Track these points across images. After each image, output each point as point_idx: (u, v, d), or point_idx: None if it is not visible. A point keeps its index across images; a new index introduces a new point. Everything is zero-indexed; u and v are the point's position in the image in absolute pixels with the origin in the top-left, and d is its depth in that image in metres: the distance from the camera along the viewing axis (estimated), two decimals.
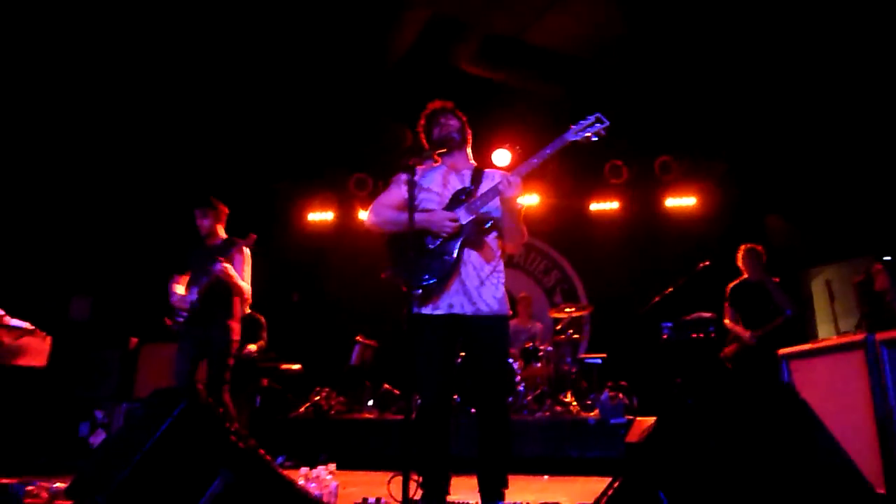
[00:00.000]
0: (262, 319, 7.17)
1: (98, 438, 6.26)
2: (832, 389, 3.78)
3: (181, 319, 4.58)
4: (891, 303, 5.40)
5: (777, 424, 1.81)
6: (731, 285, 5.96)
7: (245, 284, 4.68)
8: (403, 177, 3.04)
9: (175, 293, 4.70)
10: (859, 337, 3.73)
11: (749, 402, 1.83)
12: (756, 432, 1.77)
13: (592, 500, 2.11)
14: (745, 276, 5.91)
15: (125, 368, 6.69)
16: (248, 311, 5.31)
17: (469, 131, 3.31)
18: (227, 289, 4.57)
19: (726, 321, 5.93)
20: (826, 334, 6.87)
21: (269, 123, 8.07)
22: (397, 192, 3.19)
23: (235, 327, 4.70)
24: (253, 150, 8.57)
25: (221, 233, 4.95)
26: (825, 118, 7.23)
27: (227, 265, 4.49)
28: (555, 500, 2.41)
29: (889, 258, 5.71)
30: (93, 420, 6.37)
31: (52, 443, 6.20)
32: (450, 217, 2.97)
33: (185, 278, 4.81)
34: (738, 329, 5.74)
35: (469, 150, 3.32)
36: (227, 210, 5.09)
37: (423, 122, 3.25)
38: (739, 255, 5.97)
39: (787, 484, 1.68)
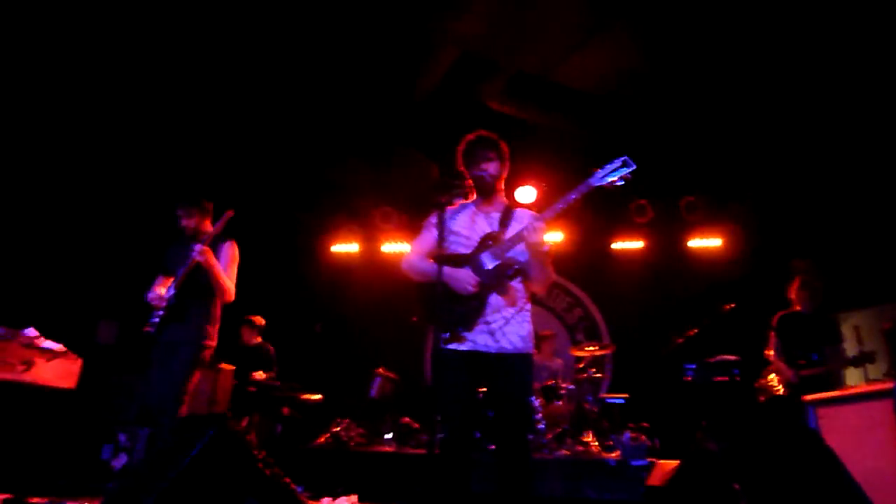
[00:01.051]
0: (272, 349, 7.25)
1: (120, 462, 6.30)
2: (860, 437, 3.72)
3: (156, 320, 4.10)
4: None
5: (802, 471, 1.81)
6: (780, 314, 5.69)
7: (228, 282, 4.19)
8: (433, 220, 3.10)
9: (154, 291, 4.25)
10: (888, 385, 3.70)
11: (775, 447, 1.83)
12: (781, 478, 1.76)
13: None
14: (797, 308, 5.64)
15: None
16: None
17: (506, 171, 3.28)
18: (206, 281, 4.09)
19: (770, 352, 5.64)
20: (854, 382, 6.76)
21: (296, 153, 8.22)
22: (429, 237, 3.24)
23: (211, 332, 4.18)
24: (278, 180, 8.72)
25: (206, 227, 4.48)
26: (853, 162, 7.21)
27: (209, 250, 4.03)
28: None
29: None
30: (116, 443, 6.42)
31: (73, 465, 6.25)
32: (472, 282, 3.01)
33: (171, 281, 4.35)
34: (782, 366, 5.45)
35: (501, 191, 3.32)
36: (211, 206, 4.55)
37: (463, 148, 3.22)
38: (794, 286, 5.70)
39: None
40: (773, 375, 5.58)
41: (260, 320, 7.39)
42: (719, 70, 6.44)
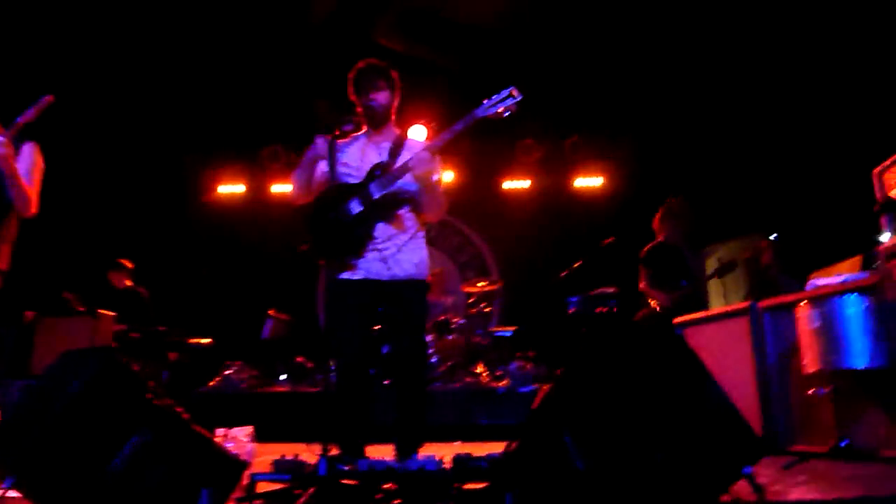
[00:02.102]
0: (145, 292, 6.98)
1: None
2: (721, 352, 4.10)
3: None
4: (775, 277, 5.83)
5: (670, 370, 1.99)
6: (647, 247, 5.84)
7: (31, 190, 3.32)
8: (318, 150, 3.04)
9: None
10: (745, 304, 4.08)
11: (645, 349, 2.00)
12: (653, 377, 1.94)
13: (504, 447, 2.24)
14: (661, 238, 5.83)
15: (21, 344, 6.35)
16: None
17: (397, 100, 3.26)
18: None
19: (642, 285, 5.81)
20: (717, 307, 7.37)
21: (178, 92, 7.79)
22: (312, 168, 3.18)
23: (4, 250, 3.38)
24: (160, 120, 8.26)
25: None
26: (724, 103, 7.69)
27: (10, 146, 3.16)
28: (466, 451, 2.53)
29: (775, 235, 6.12)
30: None
31: None
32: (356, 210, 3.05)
33: None
34: (656, 292, 5.65)
35: (392, 121, 3.30)
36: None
37: (353, 76, 3.18)
38: (657, 218, 5.90)
39: (679, 422, 1.86)
40: (652, 302, 5.93)
41: (129, 263, 7.05)
42: (600, 9, 6.63)
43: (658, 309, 5.74)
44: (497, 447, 3.00)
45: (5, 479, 2.02)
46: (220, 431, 2.72)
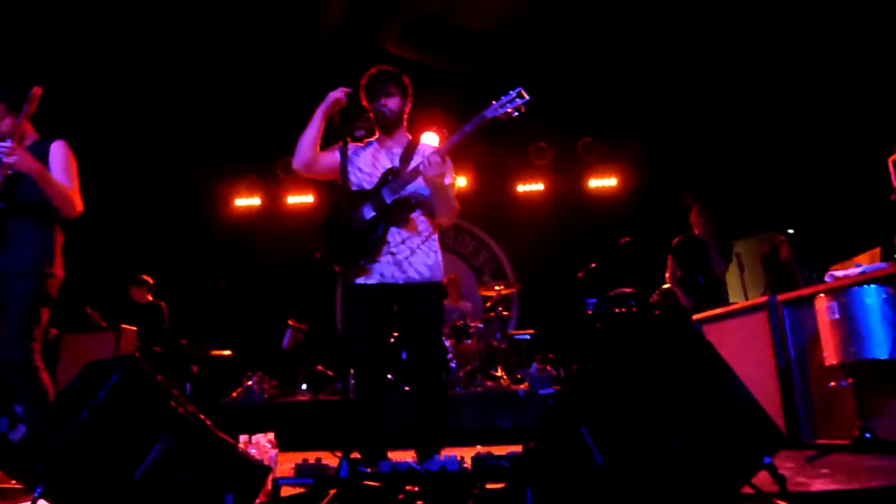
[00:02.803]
0: (164, 306, 7.07)
1: (18, 434, 6.04)
2: (741, 347, 4.09)
3: None
4: (794, 271, 5.80)
5: (686, 363, 1.99)
6: (678, 238, 5.91)
7: (67, 188, 3.23)
8: (337, 150, 3.07)
9: None
10: (763, 299, 4.05)
11: (661, 343, 2.00)
12: (670, 370, 1.94)
13: (523, 445, 2.25)
14: (696, 232, 5.87)
15: (46, 359, 6.44)
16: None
17: (408, 106, 3.28)
18: (34, 192, 3.15)
19: (667, 275, 5.91)
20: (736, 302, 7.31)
21: (192, 107, 7.89)
22: (331, 155, 3.21)
23: (53, 257, 3.28)
24: (175, 136, 8.36)
25: (27, 130, 3.34)
26: (735, 100, 7.66)
27: (23, 150, 3.06)
28: (486, 451, 2.55)
29: (791, 231, 6.08)
30: (12, 415, 6.13)
31: None
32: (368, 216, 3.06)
33: None
34: (678, 291, 5.73)
35: (405, 126, 3.33)
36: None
37: (364, 82, 3.20)
38: (693, 212, 5.91)
39: (697, 414, 1.86)
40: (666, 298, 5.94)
41: (149, 279, 7.15)
42: (609, 13, 6.64)
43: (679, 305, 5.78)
44: (518, 448, 3.01)
45: (35, 487, 2.06)
46: (242, 438, 2.75)
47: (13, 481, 2.84)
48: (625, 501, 1.82)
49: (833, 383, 3.29)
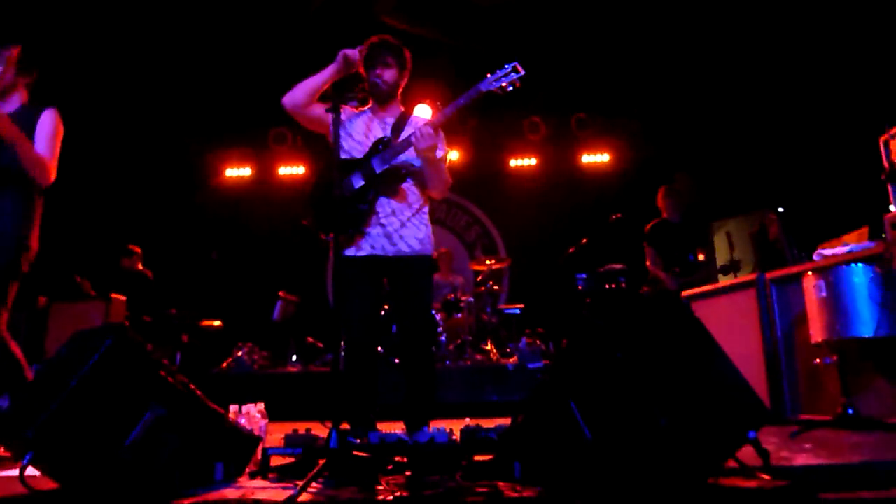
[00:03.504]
0: (150, 275, 7.05)
1: (5, 402, 6.04)
2: (729, 324, 4.13)
3: None
4: (783, 250, 5.83)
5: (674, 338, 2.01)
6: (649, 225, 6.03)
7: (43, 156, 3.14)
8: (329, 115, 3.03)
9: None
10: (752, 276, 4.08)
11: (651, 320, 2.02)
12: (657, 345, 1.96)
13: (512, 418, 2.27)
14: (665, 216, 5.99)
15: (33, 329, 6.44)
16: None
17: (404, 79, 3.25)
18: (10, 159, 3.06)
19: (648, 263, 6.02)
20: (726, 282, 7.36)
21: (184, 79, 7.79)
22: (320, 108, 3.13)
23: (27, 227, 3.18)
24: (166, 106, 8.26)
25: (22, 96, 3.33)
26: (727, 81, 7.64)
27: (3, 116, 2.98)
28: (475, 423, 2.57)
29: (781, 209, 6.10)
30: None
31: None
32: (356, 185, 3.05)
33: None
34: (661, 274, 5.82)
35: (399, 98, 3.30)
36: (14, 55, 3.24)
37: (364, 50, 3.15)
38: (659, 196, 6.03)
39: (683, 389, 1.88)
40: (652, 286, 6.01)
41: (137, 248, 7.12)
42: None
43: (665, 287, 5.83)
44: (507, 421, 3.05)
45: (24, 454, 2.06)
46: (233, 408, 2.76)
47: (1, 448, 2.85)
48: (612, 474, 1.85)
49: (818, 361, 3.34)
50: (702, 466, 1.95)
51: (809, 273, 3.35)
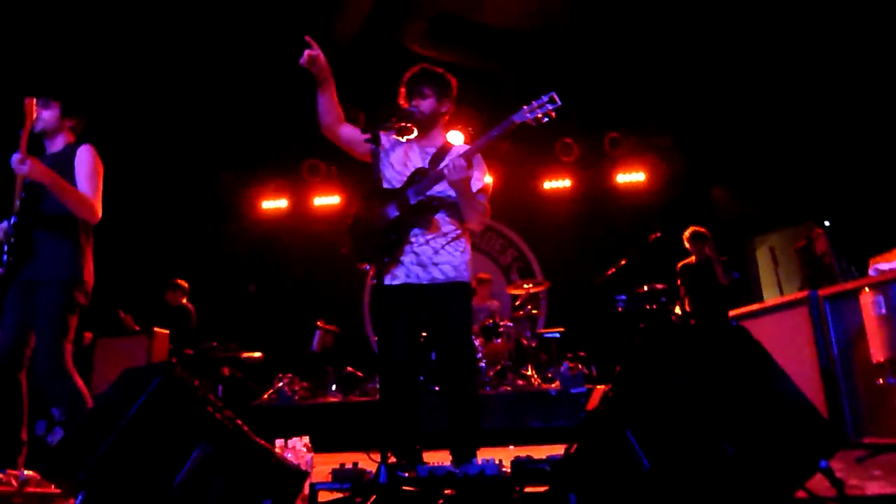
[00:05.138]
0: (192, 309, 7.11)
1: (56, 437, 6.12)
2: (779, 344, 3.98)
3: (4, 258, 3.23)
4: (830, 265, 5.67)
5: (734, 363, 1.93)
6: (681, 265, 6.44)
7: (85, 195, 3.24)
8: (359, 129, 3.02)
9: None
10: (804, 294, 3.95)
11: (707, 342, 1.94)
12: (717, 370, 1.88)
13: (565, 448, 2.20)
14: (693, 257, 6.36)
15: (81, 365, 6.53)
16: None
17: (444, 108, 3.22)
18: (54, 201, 3.18)
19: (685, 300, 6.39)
20: (771, 298, 7.17)
21: (216, 110, 7.94)
22: (352, 131, 3.16)
23: (81, 265, 3.30)
24: (200, 140, 8.43)
25: (67, 136, 3.47)
26: (764, 91, 7.50)
27: (35, 160, 3.05)
28: (526, 454, 2.50)
29: (828, 223, 5.95)
30: (49, 418, 6.22)
31: (6, 442, 6.03)
32: (390, 216, 3.06)
33: None
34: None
35: (441, 126, 3.28)
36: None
37: (406, 79, 3.17)
38: (685, 238, 6.41)
39: (748, 415, 1.80)
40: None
41: (184, 283, 7.21)
42: (635, 4, 6.54)
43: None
44: (553, 450, 2.97)
45: (77, 494, 2.06)
46: (279, 442, 2.74)
47: (52, 486, 2.87)
48: None
49: (881, 380, 3.19)
50: (770, 498, 1.85)
51: (867, 289, 3.22)
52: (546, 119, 2.88)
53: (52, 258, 3.23)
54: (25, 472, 2.88)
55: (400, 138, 3.27)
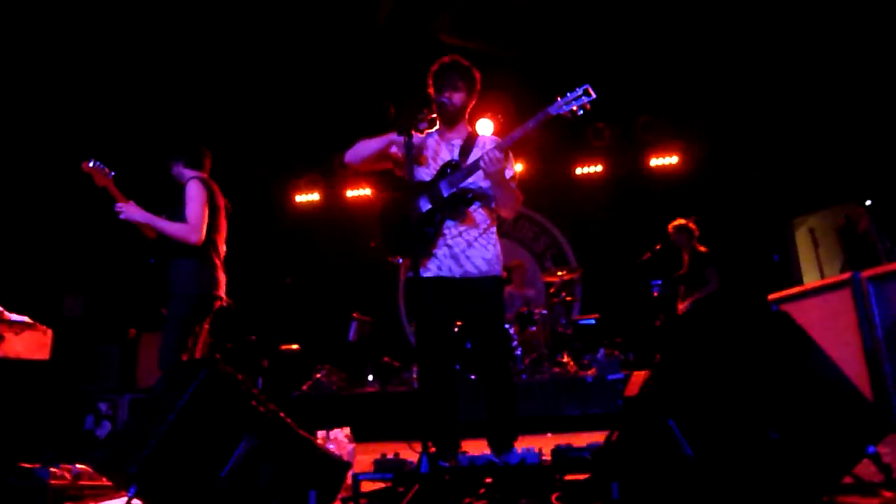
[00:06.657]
0: (231, 302, 7.22)
1: (104, 430, 6.30)
2: (822, 327, 3.91)
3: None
4: (874, 244, 5.54)
5: (777, 348, 1.91)
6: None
7: (175, 226, 3.77)
8: (397, 138, 3.05)
9: None
10: (846, 276, 3.87)
11: (750, 328, 1.92)
12: (760, 356, 1.86)
13: (605, 437, 2.20)
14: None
15: (126, 360, 6.72)
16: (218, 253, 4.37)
17: (472, 101, 3.24)
18: (163, 236, 3.80)
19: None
20: (812, 280, 7.03)
21: (249, 106, 8.03)
22: (379, 143, 3.19)
23: (202, 278, 3.95)
24: (233, 135, 8.53)
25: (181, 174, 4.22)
26: (802, 69, 7.32)
27: (131, 205, 3.74)
28: (566, 443, 2.51)
29: (869, 202, 5.82)
30: (97, 413, 6.41)
31: (57, 437, 6.23)
32: (423, 209, 3.10)
33: None
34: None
35: (466, 118, 3.29)
36: (208, 155, 4.44)
37: (435, 70, 3.17)
38: (670, 231, 6.43)
39: (792, 401, 1.78)
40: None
41: None
42: None
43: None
44: (592, 437, 2.97)
45: (129, 488, 2.13)
46: (321, 433, 2.79)
47: (104, 479, 2.97)
48: (718, 494, 1.76)
49: None
50: (816, 484, 1.83)
51: None
52: (581, 112, 2.87)
53: (177, 277, 3.92)
54: (78, 465, 2.98)
55: (429, 130, 3.27)
